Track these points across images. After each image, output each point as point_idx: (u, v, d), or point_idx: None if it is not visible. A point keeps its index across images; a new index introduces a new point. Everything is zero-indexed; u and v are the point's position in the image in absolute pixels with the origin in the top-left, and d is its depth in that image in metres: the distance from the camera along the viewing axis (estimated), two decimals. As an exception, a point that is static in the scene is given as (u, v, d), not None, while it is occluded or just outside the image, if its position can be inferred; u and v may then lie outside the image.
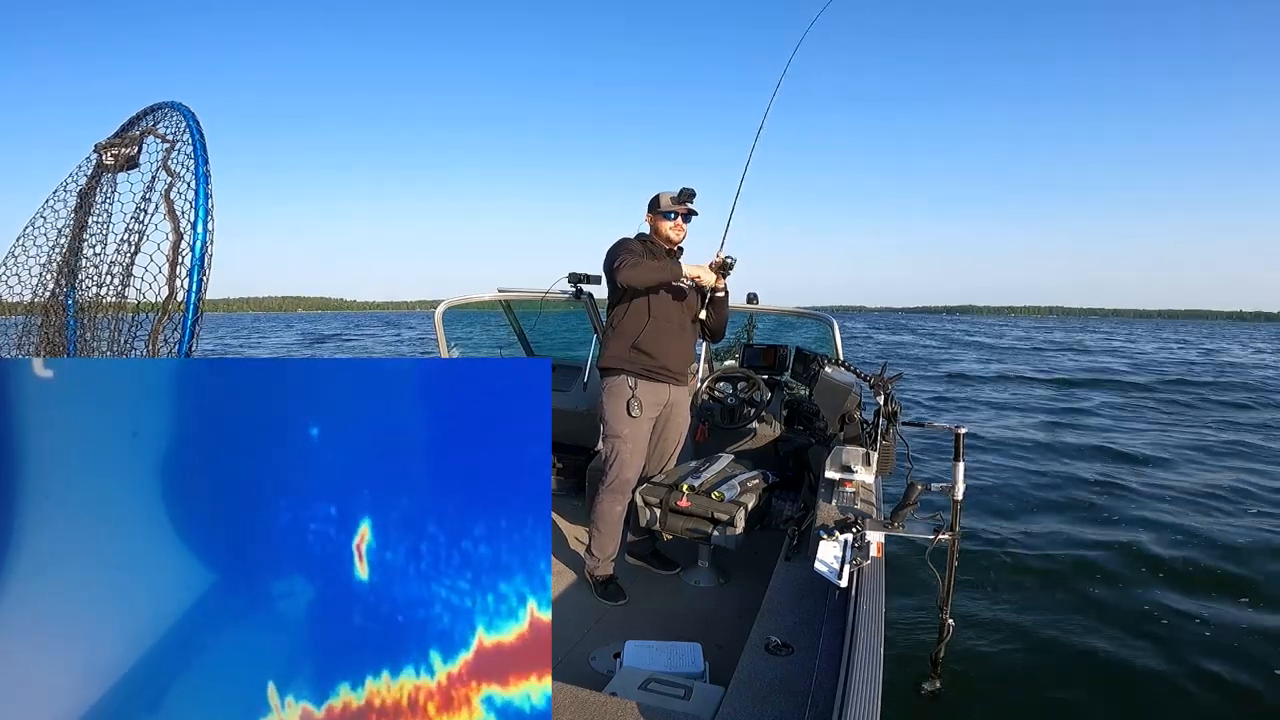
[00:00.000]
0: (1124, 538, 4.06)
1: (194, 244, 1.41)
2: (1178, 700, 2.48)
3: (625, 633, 2.02)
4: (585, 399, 3.34)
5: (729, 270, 2.38)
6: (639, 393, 2.32)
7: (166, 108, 1.71)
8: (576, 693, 1.28)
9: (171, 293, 1.41)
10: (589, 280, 3.15)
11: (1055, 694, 2.50)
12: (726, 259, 2.36)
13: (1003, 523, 4.32)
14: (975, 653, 2.70)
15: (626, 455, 2.33)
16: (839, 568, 1.45)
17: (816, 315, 3.68)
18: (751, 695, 1.28)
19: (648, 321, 2.33)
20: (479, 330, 4.46)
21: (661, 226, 2.39)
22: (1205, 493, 5.06)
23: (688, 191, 2.36)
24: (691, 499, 2.31)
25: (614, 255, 2.29)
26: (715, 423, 3.20)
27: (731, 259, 2.36)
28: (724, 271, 2.37)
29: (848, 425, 2.55)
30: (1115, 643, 2.84)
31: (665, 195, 2.39)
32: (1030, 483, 5.33)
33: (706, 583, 2.49)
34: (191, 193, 1.44)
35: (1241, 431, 7.88)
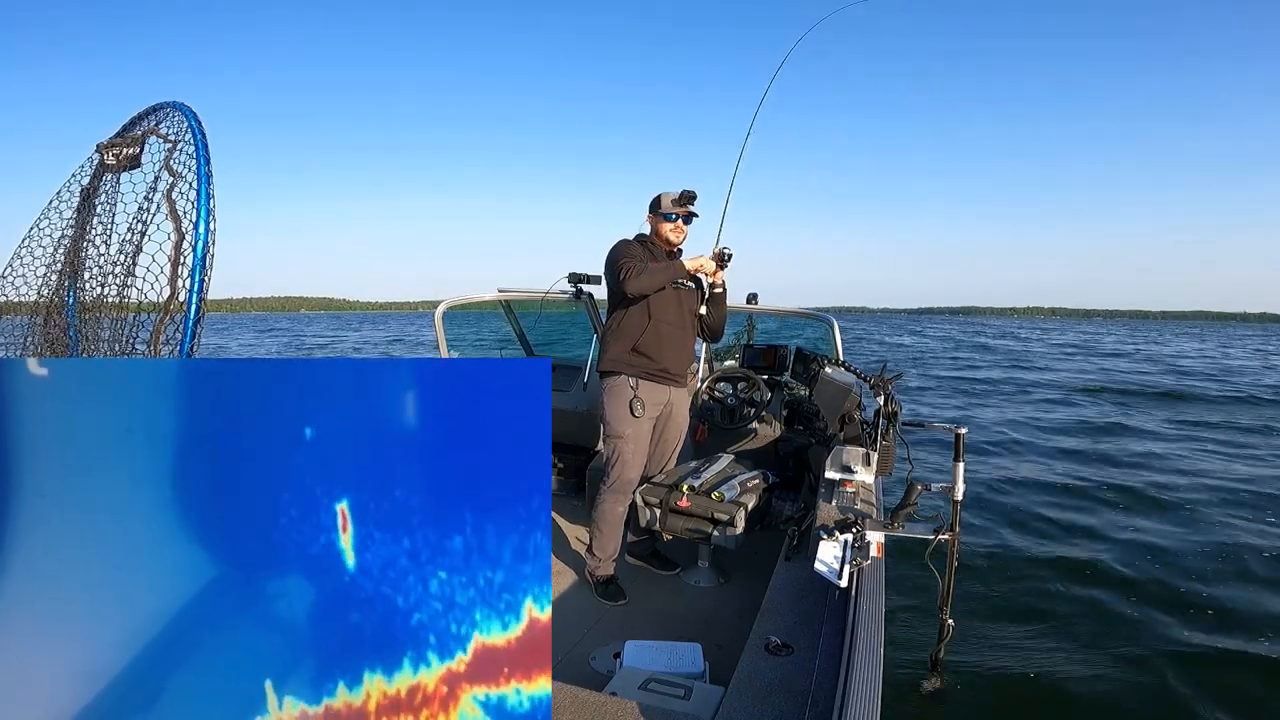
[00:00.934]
0: (1126, 538, 4.06)
1: (196, 244, 1.41)
2: (1178, 700, 2.47)
3: (625, 633, 2.02)
4: (585, 399, 3.34)
5: (726, 263, 2.39)
6: (640, 393, 2.32)
7: (168, 107, 1.71)
8: (576, 693, 1.28)
9: (173, 293, 1.41)
10: (589, 280, 3.15)
11: (1056, 694, 2.50)
12: (723, 251, 2.37)
13: (1004, 523, 4.33)
14: (975, 652, 2.70)
15: (629, 455, 2.33)
16: (839, 568, 1.45)
17: (816, 315, 3.68)
18: (751, 695, 1.28)
19: (648, 324, 2.33)
20: (483, 329, 4.46)
21: (662, 228, 2.39)
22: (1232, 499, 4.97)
23: (688, 194, 2.36)
24: (692, 499, 2.31)
25: (616, 262, 2.27)
26: (715, 423, 3.20)
27: (728, 251, 2.37)
28: (721, 263, 2.38)
29: (848, 425, 2.55)
30: (1116, 643, 2.84)
31: (666, 196, 2.38)
32: (1037, 484, 5.33)
33: (706, 583, 2.49)
34: (193, 193, 1.44)
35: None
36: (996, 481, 5.30)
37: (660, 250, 2.40)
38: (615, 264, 2.27)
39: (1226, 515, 4.56)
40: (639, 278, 2.20)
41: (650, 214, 2.42)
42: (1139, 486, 5.24)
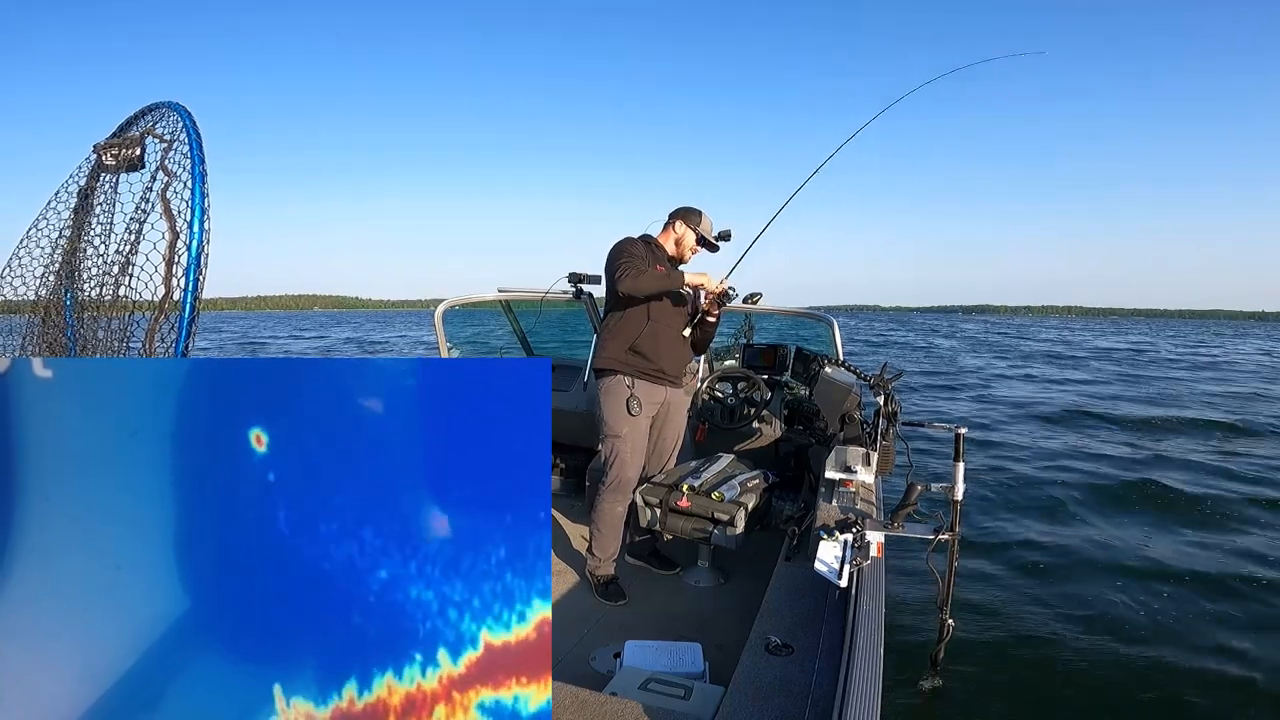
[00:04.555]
0: (1127, 539, 4.06)
1: (190, 243, 1.40)
2: (1178, 700, 2.47)
3: (625, 633, 2.01)
4: (585, 399, 3.33)
5: (726, 301, 2.39)
6: (637, 391, 2.32)
7: (164, 108, 1.71)
8: (577, 693, 1.28)
9: (168, 292, 1.41)
10: (589, 280, 3.15)
11: (1056, 694, 2.50)
12: (728, 289, 2.36)
13: (1004, 522, 4.33)
14: (975, 653, 2.70)
15: (626, 455, 2.33)
16: (839, 568, 1.45)
17: (816, 315, 3.68)
18: (752, 695, 1.28)
19: (646, 325, 2.32)
20: (490, 328, 4.44)
21: (686, 239, 2.41)
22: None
23: (726, 234, 2.45)
24: (692, 499, 2.30)
25: (616, 261, 2.27)
26: (715, 423, 3.20)
27: (733, 290, 2.37)
28: (721, 301, 2.38)
29: (848, 425, 2.55)
30: (1116, 643, 2.84)
31: (708, 220, 2.43)
32: (1036, 482, 5.32)
33: (707, 583, 2.49)
34: (188, 192, 1.44)
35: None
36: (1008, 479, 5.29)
37: (664, 254, 2.40)
38: (615, 262, 2.27)
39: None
40: (637, 279, 2.20)
41: (682, 221, 2.42)
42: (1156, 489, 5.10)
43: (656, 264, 2.32)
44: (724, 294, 2.36)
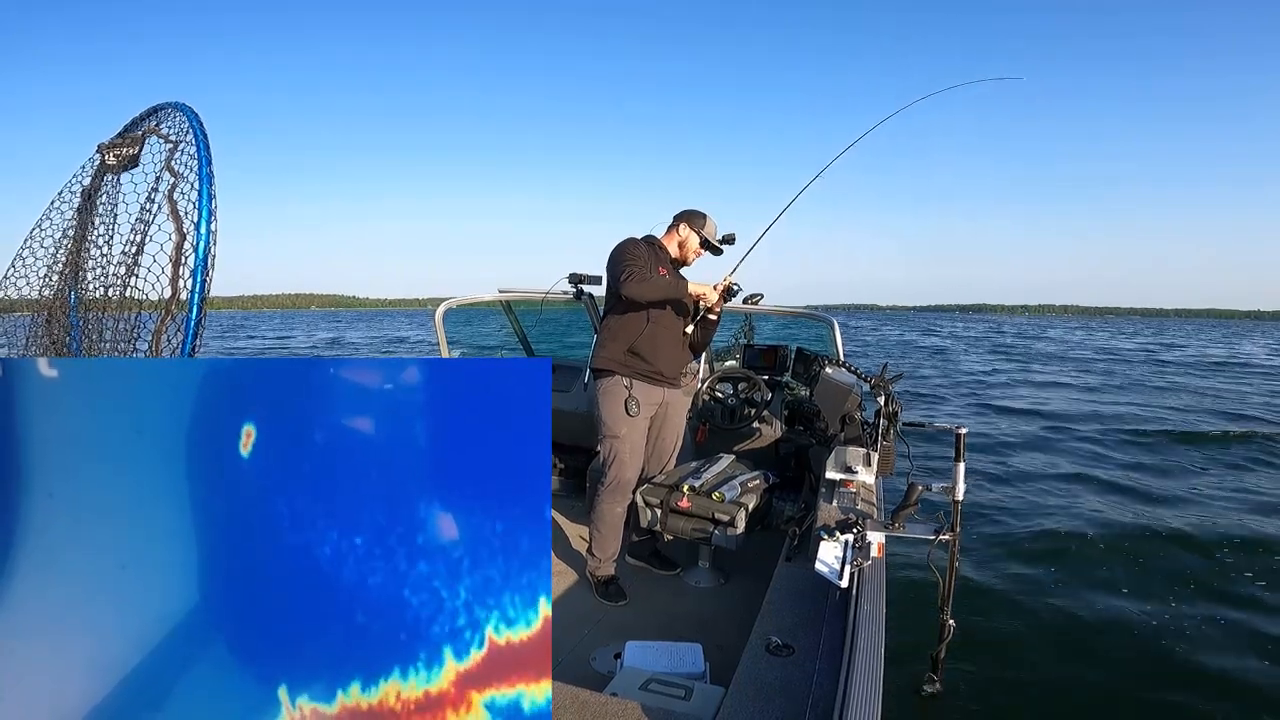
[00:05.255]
0: (1129, 540, 4.05)
1: (197, 244, 1.41)
2: (1179, 701, 2.47)
3: (626, 633, 2.02)
4: (585, 399, 3.34)
5: (731, 297, 2.40)
6: (635, 392, 2.32)
7: (169, 108, 1.71)
8: (577, 693, 1.28)
9: (174, 292, 1.42)
10: (589, 280, 3.15)
11: (1056, 694, 2.50)
12: (732, 285, 2.37)
13: (1004, 523, 4.32)
14: (976, 653, 2.69)
15: (625, 455, 2.33)
16: (840, 568, 1.45)
17: (816, 315, 3.68)
18: (752, 696, 1.28)
19: (645, 326, 2.33)
20: (493, 328, 4.44)
21: (690, 242, 2.41)
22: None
23: (730, 237, 2.45)
24: (692, 499, 2.31)
25: (619, 262, 2.27)
26: (716, 423, 3.20)
27: (737, 286, 2.38)
28: (726, 296, 2.39)
29: (848, 426, 2.55)
30: (1117, 644, 2.84)
31: (712, 224, 2.43)
32: (1035, 481, 5.32)
33: (707, 583, 2.49)
34: (195, 193, 1.44)
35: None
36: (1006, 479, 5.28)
37: (666, 257, 2.40)
38: (618, 264, 2.26)
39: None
40: (640, 284, 2.20)
41: (686, 224, 2.42)
42: (1155, 490, 5.19)
43: (659, 266, 2.32)
44: (728, 289, 2.37)
